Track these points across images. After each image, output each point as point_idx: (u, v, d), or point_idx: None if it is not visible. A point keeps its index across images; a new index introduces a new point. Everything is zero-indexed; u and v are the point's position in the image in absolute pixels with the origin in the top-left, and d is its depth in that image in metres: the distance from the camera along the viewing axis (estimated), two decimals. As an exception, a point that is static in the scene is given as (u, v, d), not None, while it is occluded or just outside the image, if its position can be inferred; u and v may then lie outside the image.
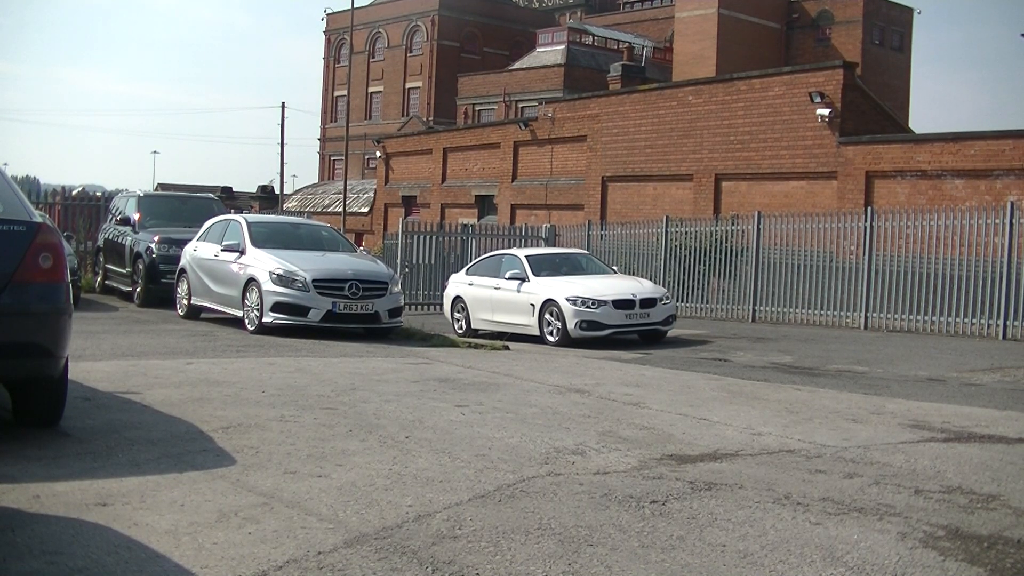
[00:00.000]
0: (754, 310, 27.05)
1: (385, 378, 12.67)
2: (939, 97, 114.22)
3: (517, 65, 74.22)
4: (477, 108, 73.01)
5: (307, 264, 18.43)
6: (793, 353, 18.27)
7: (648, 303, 20.46)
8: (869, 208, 25.82)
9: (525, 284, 21.44)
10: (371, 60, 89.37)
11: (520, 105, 67.80)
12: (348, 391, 11.37)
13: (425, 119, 77.58)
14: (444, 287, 25.03)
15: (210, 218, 21.93)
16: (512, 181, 42.50)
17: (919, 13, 76.64)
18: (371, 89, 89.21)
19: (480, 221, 42.51)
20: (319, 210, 62.85)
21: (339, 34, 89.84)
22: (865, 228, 24.87)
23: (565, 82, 65.88)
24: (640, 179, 36.33)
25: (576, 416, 10.24)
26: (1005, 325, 22.10)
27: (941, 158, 26.70)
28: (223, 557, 5.53)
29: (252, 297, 18.40)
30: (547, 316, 20.60)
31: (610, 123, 37.54)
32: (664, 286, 29.30)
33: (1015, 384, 14.66)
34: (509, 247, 33.39)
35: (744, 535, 6.06)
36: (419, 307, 29.76)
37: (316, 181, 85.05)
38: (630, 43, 69.88)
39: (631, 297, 20.37)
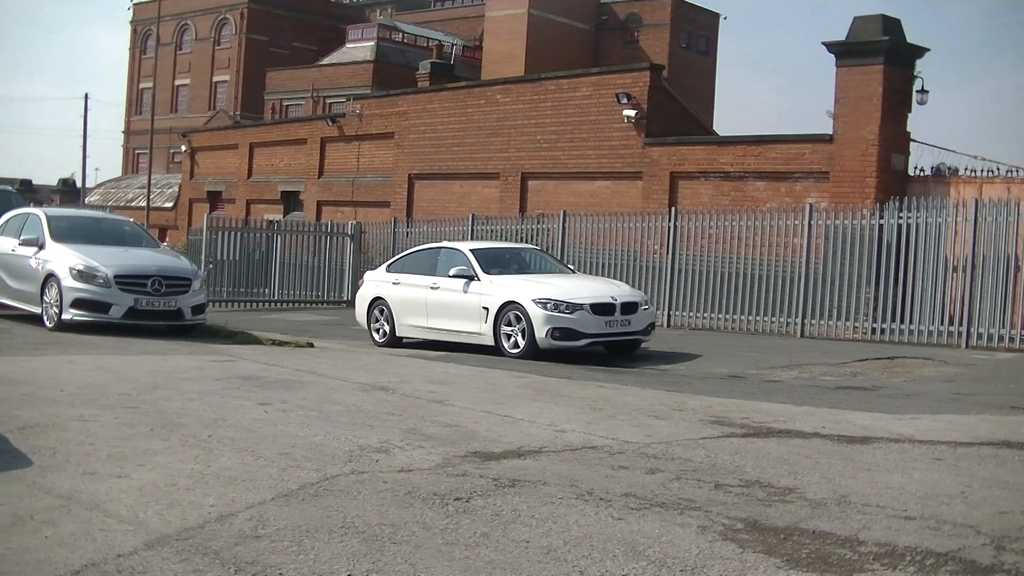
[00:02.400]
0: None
1: (188, 376, 12.49)
2: (743, 101, 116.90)
3: (326, 61, 73.70)
4: (285, 103, 72.31)
5: (109, 259, 17.99)
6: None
7: (629, 308, 17.83)
8: (673, 208, 26.30)
9: (475, 284, 18.44)
10: (178, 52, 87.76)
11: (328, 101, 67.33)
12: (150, 389, 11.18)
13: (232, 113, 76.59)
14: (359, 285, 21.59)
15: (8, 211, 21.26)
16: (319, 177, 42.17)
17: (725, 18, 78.34)
18: (178, 82, 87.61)
19: (286, 217, 42.11)
20: (122, 205, 61.59)
21: (146, 25, 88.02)
22: (669, 228, 25.33)
23: (374, 79, 65.65)
24: (447, 177, 36.35)
25: (381, 414, 10.22)
26: (803, 323, 22.75)
27: (744, 160, 27.26)
28: (18, 563, 5.39)
29: (51, 293, 17.87)
30: (506, 323, 17.71)
31: (418, 120, 37.50)
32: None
33: (812, 381, 15.09)
34: (315, 244, 33.19)
35: (548, 531, 6.12)
36: (224, 304, 29.35)
37: (120, 175, 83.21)
38: (440, 41, 69.99)
39: (611, 301, 17.66)
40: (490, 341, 17.99)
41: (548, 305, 17.31)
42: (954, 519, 6.60)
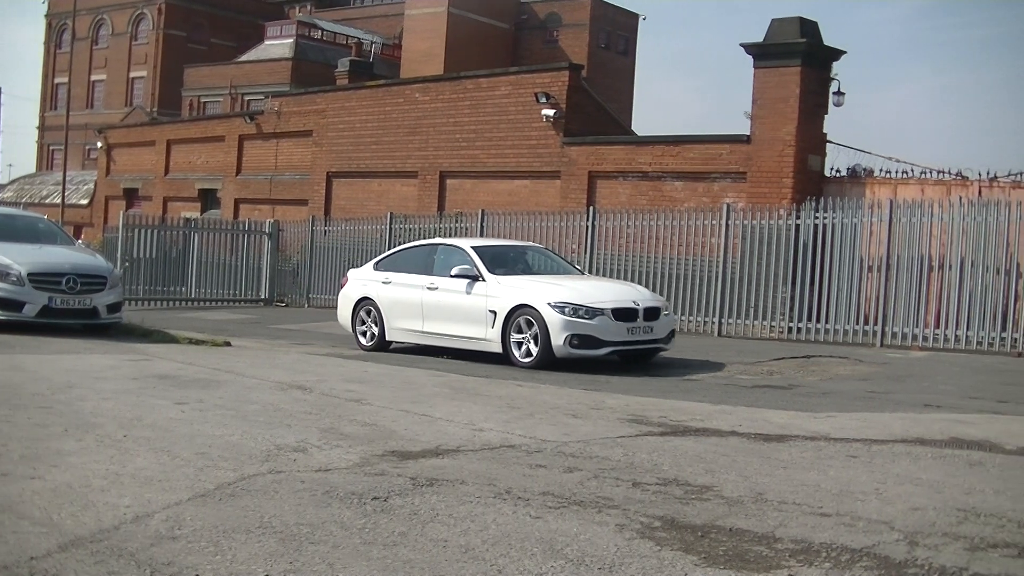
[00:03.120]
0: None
1: (103, 375, 12.37)
2: (662, 101, 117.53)
3: (245, 57, 73.20)
4: (203, 100, 71.75)
5: (22, 257, 17.72)
6: (516, 350, 18.50)
7: (651, 314, 16.40)
8: (592, 207, 26.39)
9: (479, 285, 16.96)
10: (94, 47, 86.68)
11: (247, 98, 66.86)
12: (64, 389, 11.05)
13: (149, 110, 75.78)
14: (341, 284, 20.18)
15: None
16: (237, 175, 41.86)
17: (644, 19, 78.63)
18: (94, 77, 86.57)
19: (203, 215, 41.79)
20: (37, 202, 60.87)
21: (61, 19, 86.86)
22: (587, 227, 25.42)
23: (293, 76, 65.30)
24: (366, 175, 36.20)
25: (298, 413, 10.18)
26: (720, 322, 22.92)
27: (662, 160, 27.37)
28: (-72, 564, 5.31)
29: (-38, 292, 17.59)
30: (516, 328, 16.30)
31: (337, 119, 37.32)
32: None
33: (729, 379, 15.20)
34: (233, 243, 32.93)
35: (466, 530, 6.11)
36: (140, 302, 29.09)
37: (34, 171, 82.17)
38: (359, 39, 69.74)
39: (633, 305, 16.24)
40: (497, 348, 16.58)
41: (566, 310, 15.85)
42: (869, 516, 6.67)
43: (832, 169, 25.18)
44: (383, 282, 18.61)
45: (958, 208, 20.84)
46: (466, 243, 18.46)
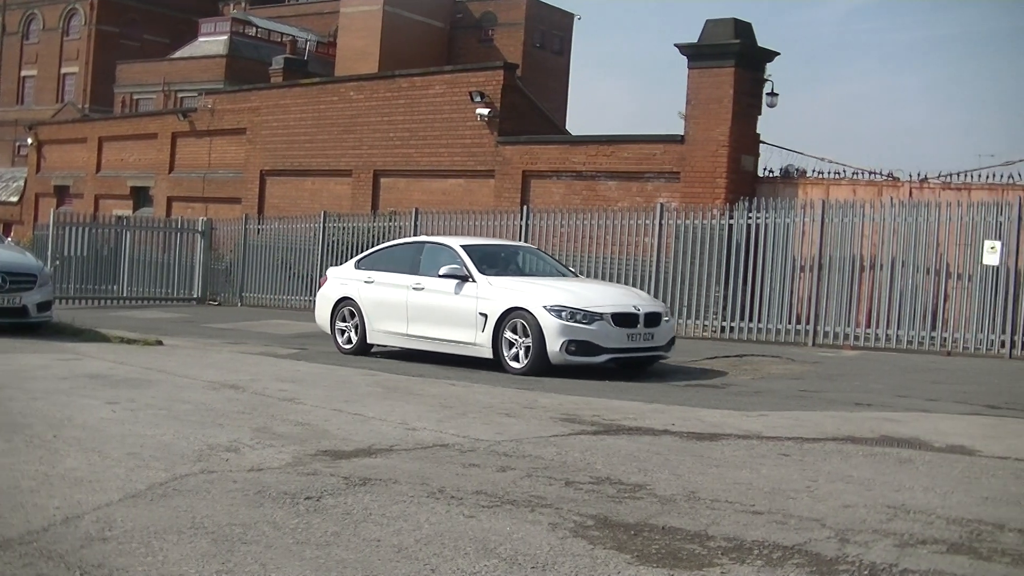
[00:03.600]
0: (412, 306, 27.24)
1: (33, 375, 12.24)
2: (596, 101, 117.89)
3: (178, 54, 72.65)
4: (136, 97, 71.12)
5: (-50, 255, 17.53)
6: (450, 349, 18.49)
7: (652, 320, 15.57)
8: (525, 207, 26.44)
9: (469, 285, 16.10)
10: (25, 42, 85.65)
11: (180, 95, 66.35)
12: (-8, 388, 10.94)
13: (81, 106, 75.05)
14: (320, 284, 19.35)
15: None
16: (170, 173, 41.58)
17: (579, 19, 78.82)
18: (24, 72, 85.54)
19: (135, 213, 41.48)
20: (-35, 198, 60.15)
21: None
22: (521, 226, 25.44)
23: (227, 73, 64.90)
24: (300, 173, 36.07)
25: (231, 412, 10.12)
26: (653, 322, 22.99)
27: (596, 160, 27.45)
28: None
29: None
30: (509, 332, 15.42)
31: (271, 116, 37.16)
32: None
33: (662, 378, 15.25)
34: (165, 241, 32.66)
35: (399, 529, 6.10)
36: (71, 301, 28.77)
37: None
38: (294, 36, 69.45)
39: (634, 311, 15.42)
40: (488, 353, 15.70)
41: (563, 314, 15.02)
42: (800, 513, 6.72)
43: (765, 169, 25.36)
44: (365, 281, 17.72)
45: (889, 209, 21.06)
46: (455, 241, 17.46)
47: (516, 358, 15.35)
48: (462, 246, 16.94)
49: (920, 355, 19.45)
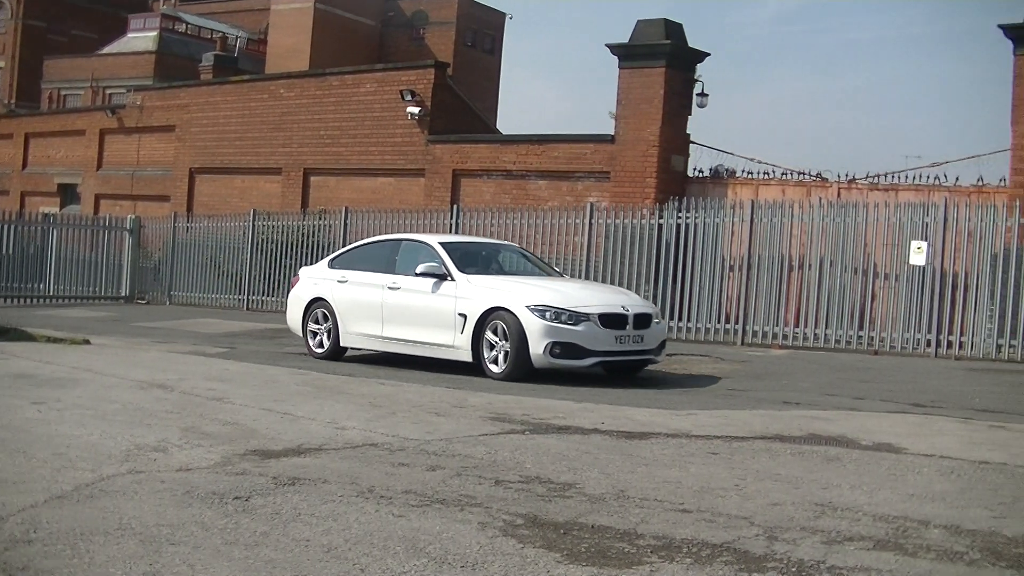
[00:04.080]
0: (342, 304, 27.20)
1: (-44, 374, 12.10)
2: (527, 100, 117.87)
3: (107, 50, 71.87)
4: (63, 93, 70.29)
5: None
6: (380, 348, 18.45)
7: (641, 321, 14.76)
8: (456, 205, 26.46)
9: (448, 285, 15.25)
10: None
11: (109, 92, 65.67)
12: (-85, 388, 10.80)
13: (7, 102, 74.13)
14: (292, 284, 18.31)
15: None
16: (97, 170, 41.16)
17: (511, 18, 78.77)
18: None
19: (63, 211, 41.03)
20: None
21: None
22: (451, 225, 25.44)
23: (156, 70, 64.31)
24: (229, 171, 35.82)
25: (159, 412, 10.05)
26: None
27: (526, 159, 27.49)
28: None
29: None
30: (490, 334, 14.60)
31: (200, 114, 36.88)
32: (249, 280, 29.14)
33: (591, 378, 15.28)
34: (93, 239, 32.35)
35: (328, 529, 6.08)
36: (-4, 299, 28.47)
37: None
38: (224, 33, 68.92)
39: (622, 311, 14.62)
40: (467, 356, 14.90)
41: (547, 314, 14.18)
42: (729, 511, 6.76)
43: (695, 170, 25.50)
44: (338, 281, 16.84)
45: (818, 209, 21.24)
46: (433, 239, 16.56)
47: (496, 361, 14.56)
48: (441, 243, 16.14)
49: (848, 354, 19.64)
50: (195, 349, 17.52)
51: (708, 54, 25.66)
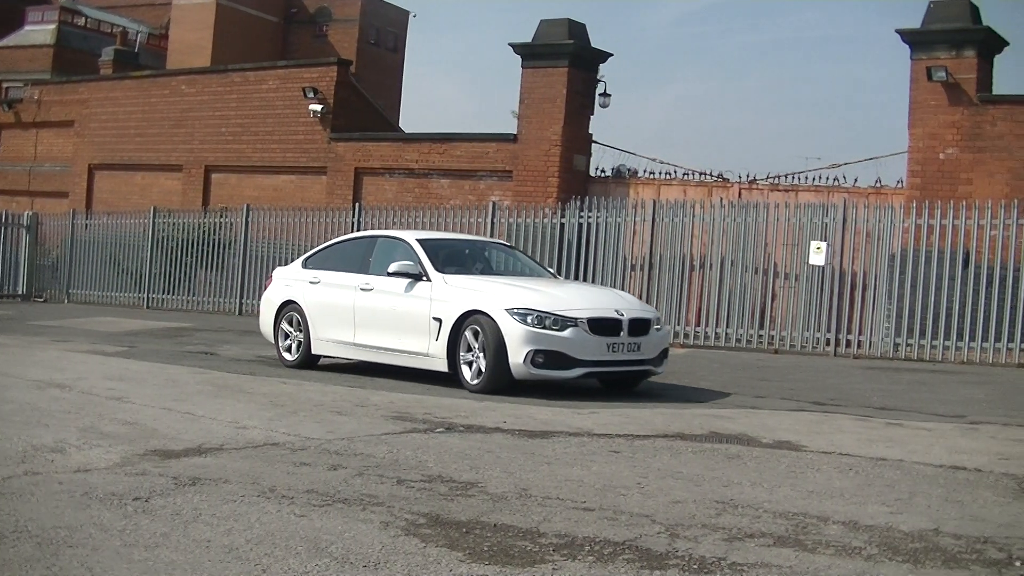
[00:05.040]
0: (241, 303, 27.14)
1: None
2: (430, 99, 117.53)
3: (3, 43, 70.55)
4: (-43, 87, 69.25)
5: None
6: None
7: (638, 327, 13.08)
8: (358, 204, 26.42)
9: (422, 285, 13.73)
10: None
11: (5, 86, 64.62)
12: None
13: (-101, 96, 72.83)
14: (265, 285, 16.96)
15: None
16: (-7, 165, 40.63)
17: (415, 16, 78.62)
18: None
19: (-43, 207, 40.38)
20: None
21: None
22: (353, 223, 25.39)
23: (55, 64, 63.34)
24: (129, 168, 35.43)
25: (56, 412, 9.92)
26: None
27: (429, 158, 27.49)
28: None
29: None
30: (468, 339, 13.03)
31: (100, 109, 36.44)
32: (150, 278, 28.85)
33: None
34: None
35: (229, 529, 6.03)
36: None
37: None
38: (125, 27, 68.09)
39: (615, 316, 12.94)
40: (442, 366, 13.36)
41: (529, 318, 12.56)
42: (630, 509, 6.79)
43: (597, 169, 25.64)
44: (310, 282, 15.42)
45: (719, 209, 21.45)
46: (411, 235, 14.92)
47: (476, 372, 13.01)
48: (418, 240, 14.56)
49: (749, 353, 19.85)
50: (94, 348, 17.31)
51: (611, 54, 25.82)
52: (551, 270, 17.14)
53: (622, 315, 12.95)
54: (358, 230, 24.97)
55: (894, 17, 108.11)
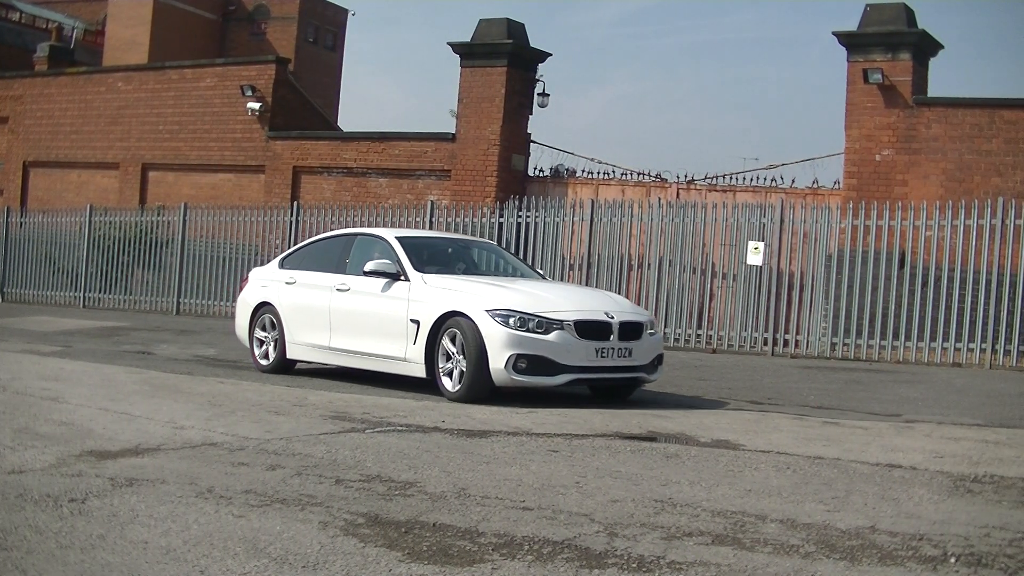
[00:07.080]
0: (179, 302, 27.02)
1: None
2: (369, 97, 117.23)
3: (-66, 39, 70.07)
4: None
5: None
6: (217, 346, 18.29)
7: (630, 331, 12.28)
8: (296, 203, 26.35)
9: (400, 285, 12.95)
10: None
11: (-64, 82, 64.05)
12: None
13: None
14: (241, 286, 16.15)
15: None
16: (-75, 162, 40.16)
17: (353, 15, 78.24)
18: None
19: None
20: None
21: None
22: (291, 222, 25.33)
23: (-13, 60, 62.87)
24: (65, 166, 35.17)
25: (-10, 412, 9.82)
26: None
27: (367, 157, 27.47)
28: None
29: None
30: (446, 343, 12.22)
31: (35, 106, 36.13)
32: (86, 277, 28.61)
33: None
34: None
35: (167, 531, 5.98)
36: None
37: None
38: (60, 23, 67.47)
39: (605, 318, 12.16)
40: (420, 372, 12.56)
41: (511, 320, 11.77)
42: (569, 508, 6.80)
43: (536, 169, 25.72)
44: (286, 283, 14.67)
45: (657, 209, 21.55)
46: (390, 233, 14.10)
47: (450, 374, 12.27)
48: (397, 237, 13.76)
49: (687, 352, 19.94)
50: (28, 347, 17.15)
51: (550, 54, 25.91)
52: (539, 271, 16.27)
53: (612, 318, 12.21)
54: (295, 229, 24.92)
55: (831, 19, 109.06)
